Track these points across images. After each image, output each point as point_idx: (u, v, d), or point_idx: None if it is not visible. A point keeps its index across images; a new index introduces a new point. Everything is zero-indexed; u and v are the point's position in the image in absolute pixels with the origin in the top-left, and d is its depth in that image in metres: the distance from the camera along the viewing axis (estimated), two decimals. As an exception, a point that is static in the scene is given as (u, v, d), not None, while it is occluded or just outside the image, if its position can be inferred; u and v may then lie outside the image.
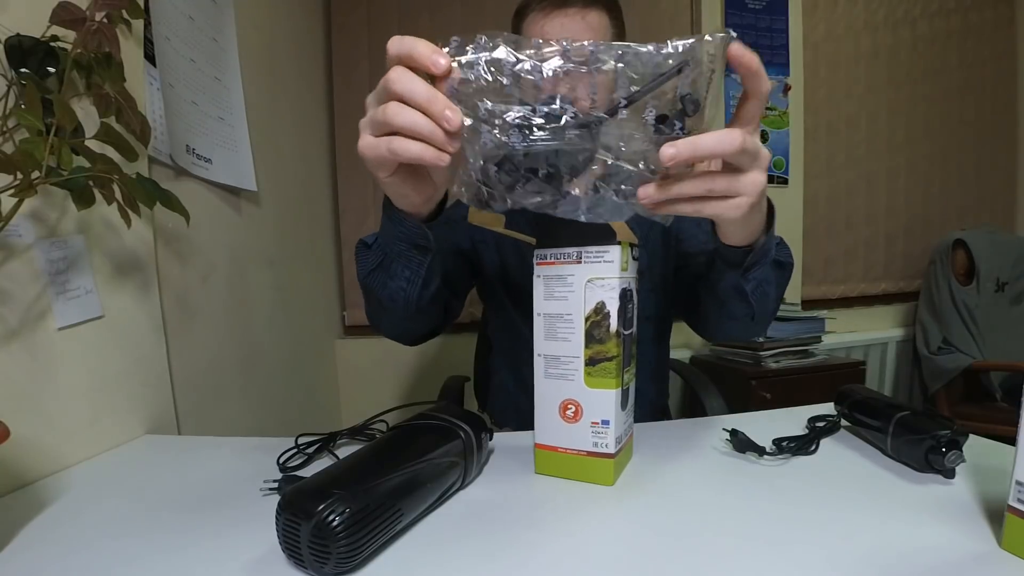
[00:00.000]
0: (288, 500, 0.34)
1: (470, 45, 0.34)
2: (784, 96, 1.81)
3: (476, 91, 0.35)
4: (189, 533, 0.41)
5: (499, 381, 0.86)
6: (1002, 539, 0.34)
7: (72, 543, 0.40)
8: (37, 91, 0.49)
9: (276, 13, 1.30)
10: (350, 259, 1.69)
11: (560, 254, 0.46)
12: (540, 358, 0.48)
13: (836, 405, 0.59)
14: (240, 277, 1.06)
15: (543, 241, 0.48)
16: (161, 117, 0.79)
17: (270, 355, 1.17)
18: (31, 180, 0.47)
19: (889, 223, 2.01)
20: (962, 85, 2.04)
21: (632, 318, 0.48)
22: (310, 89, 1.53)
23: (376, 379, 1.64)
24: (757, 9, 1.77)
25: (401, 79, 0.35)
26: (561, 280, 0.46)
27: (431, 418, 0.48)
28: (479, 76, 0.34)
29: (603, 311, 0.45)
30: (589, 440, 0.47)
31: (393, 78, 0.35)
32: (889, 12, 1.96)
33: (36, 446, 0.55)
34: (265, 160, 1.16)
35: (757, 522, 0.39)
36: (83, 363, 0.62)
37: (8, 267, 0.54)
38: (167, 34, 0.81)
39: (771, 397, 1.44)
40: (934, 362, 1.80)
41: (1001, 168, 2.12)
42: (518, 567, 0.34)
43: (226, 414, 0.97)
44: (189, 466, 0.58)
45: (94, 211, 0.57)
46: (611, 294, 0.44)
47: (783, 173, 1.83)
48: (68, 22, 0.52)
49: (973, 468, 0.45)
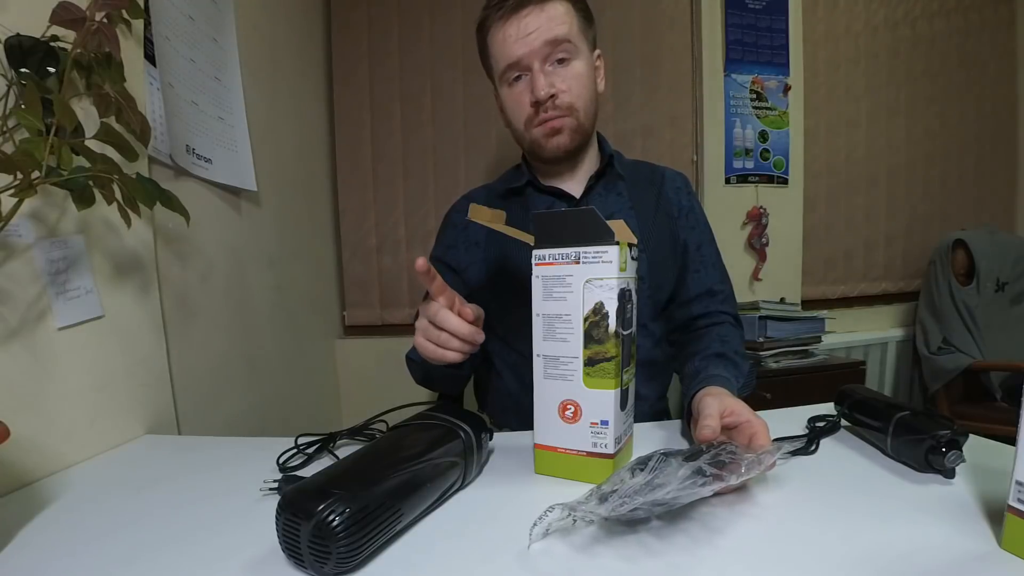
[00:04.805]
0: (288, 500, 0.34)
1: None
2: (784, 96, 1.81)
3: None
4: (189, 533, 0.41)
5: (500, 382, 0.85)
6: (1002, 539, 0.34)
7: (72, 543, 0.40)
8: (37, 91, 0.49)
9: (276, 13, 1.30)
10: (350, 259, 1.70)
11: (559, 255, 0.46)
12: (539, 358, 0.48)
13: (836, 405, 0.59)
14: (240, 277, 1.06)
15: (542, 241, 0.48)
16: (161, 117, 0.79)
17: (270, 355, 1.17)
18: (31, 180, 0.47)
19: (889, 223, 2.01)
20: (962, 85, 2.04)
21: (631, 318, 0.48)
22: (310, 89, 1.53)
23: (376, 379, 1.64)
24: (757, 9, 1.76)
25: (447, 320, 0.54)
26: (560, 280, 0.46)
27: (431, 418, 0.48)
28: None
29: (602, 311, 0.45)
30: (588, 440, 0.47)
31: (441, 317, 0.54)
32: (889, 12, 1.95)
33: (36, 446, 0.55)
34: (265, 160, 1.16)
35: (757, 522, 0.39)
36: (83, 363, 0.62)
37: (8, 267, 0.54)
38: (167, 34, 0.81)
39: (771, 397, 1.44)
40: (934, 362, 1.80)
41: (1001, 168, 2.12)
42: (518, 567, 0.34)
43: (226, 414, 0.97)
44: (189, 466, 0.58)
45: (94, 211, 0.57)
46: (610, 294, 0.44)
47: (783, 173, 1.82)
48: (68, 22, 0.52)
49: (973, 468, 0.45)
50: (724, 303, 0.80)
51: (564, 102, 0.73)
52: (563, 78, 0.72)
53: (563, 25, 0.71)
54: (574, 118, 0.74)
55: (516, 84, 0.74)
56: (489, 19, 0.74)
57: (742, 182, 1.79)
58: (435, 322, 0.55)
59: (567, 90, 0.72)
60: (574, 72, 0.73)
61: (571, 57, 0.72)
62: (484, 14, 0.75)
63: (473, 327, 0.54)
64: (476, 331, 0.54)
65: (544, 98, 0.71)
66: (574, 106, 0.74)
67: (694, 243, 0.82)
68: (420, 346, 0.57)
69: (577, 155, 0.80)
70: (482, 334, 0.55)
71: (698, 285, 0.80)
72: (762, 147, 1.80)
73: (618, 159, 0.84)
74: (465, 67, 1.67)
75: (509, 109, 0.78)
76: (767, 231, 1.79)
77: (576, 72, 0.73)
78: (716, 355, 0.67)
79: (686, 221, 0.83)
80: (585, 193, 0.80)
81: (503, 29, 0.72)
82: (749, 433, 0.47)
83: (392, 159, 1.69)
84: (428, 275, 0.52)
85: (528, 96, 0.73)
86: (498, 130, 1.68)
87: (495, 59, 0.75)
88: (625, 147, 1.62)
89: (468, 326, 0.54)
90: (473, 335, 0.54)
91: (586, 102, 0.75)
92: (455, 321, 0.54)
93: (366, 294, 1.71)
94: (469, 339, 0.54)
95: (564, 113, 0.73)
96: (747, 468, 0.38)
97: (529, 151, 0.81)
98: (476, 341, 0.55)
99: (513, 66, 0.73)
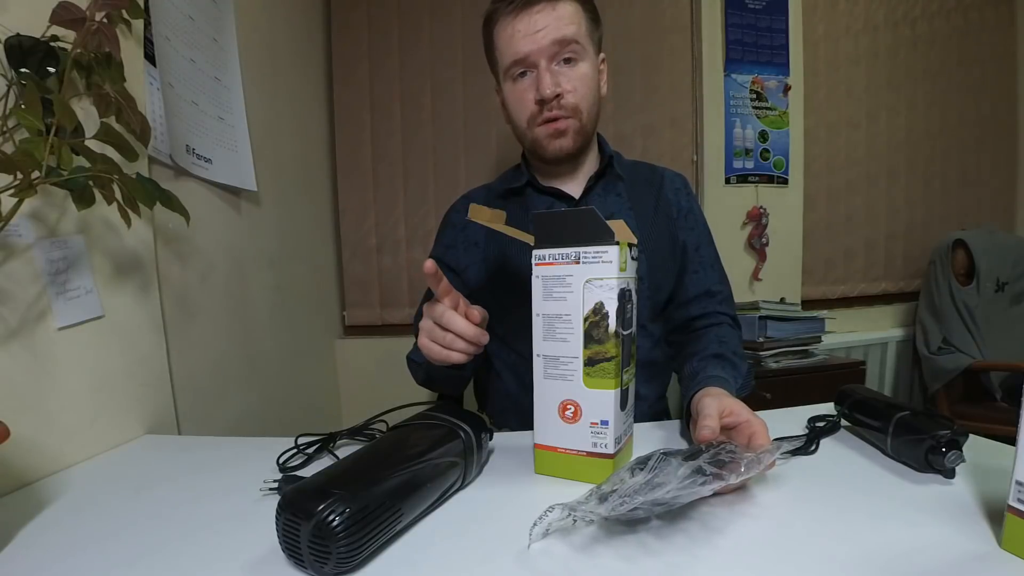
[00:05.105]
0: (288, 500, 0.34)
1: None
2: (784, 96, 1.81)
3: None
4: (189, 533, 0.41)
5: (499, 382, 0.85)
6: (1002, 539, 0.34)
7: (72, 543, 0.40)
8: (37, 91, 0.49)
9: (276, 13, 1.30)
10: (350, 259, 1.70)
11: (559, 255, 0.46)
12: (539, 358, 0.48)
13: (836, 405, 0.59)
14: (240, 277, 1.06)
15: (542, 241, 0.48)
16: (161, 117, 0.79)
17: (270, 355, 1.17)
18: (31, 180, 0.47)
19: (889, 223, 2.01)
20: (962, 85, 2.04)
21: (631, 318, 0.48)
22: (310, 89, 1.53)
23: (376, 379, 1.64)
24: (757, 9, 1.76)
25: (452, 321, 0.54)
26: (560, 280, 0.46)
27: (431, 418, 0.48)
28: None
29: (602, 311, 0.45)
30: (588, 440, 0.47)
31: (447, 319, 0.54)
32: (889, 12, 1.95)
33: (36, 446, 0.55)
34: (265, 160, 1.16)
35: (756, 522, 0.39)
36: (83, 363, 0.62)
37: (8, 267, 0.54)
38: (167, 34, 0.81)
39: (771, 397, 1.44)
40: (934, 362, 1.80)
41: (1001, 168, 2.12)
42: (518, 567, 0.34)
43: (226, 414, 0.97)
44: (189, 466, 0.58)
45: (94, 211, 0.57)
46: (610, 294, 0.44)
47: (783, 173, 1.82)
48: (68, 22, 0.52)
49: (973, 468, 0.45)
50: (722, 304, 0.80)
51: (569, 103, 0.73)
52: (569, 78, 0.72)
53: (572, 25, 0.71)
54: (577, 119, 0.74)
55: (520, 80, 0.74)
56: (498, 12, 0.73)
57: (742, 182, 1.79)
58: (441, 323, 0.55)
59: (572, 91, 0.72)
60: (580, 73, 0.73)
61: (578, 58, 0.72)
62: (493, 7, 0.74)
63: (478, 329, 0.55)
64: (481, 332, 0.55)
65: (550, 96, 0.71)
66: (578, 107, 0.73)
67: (693, 244, 0.82)
68: (424, 347, 0.57)
69: (578, 156, 0.80)
70: (487, 335, 0.56)
71: (696, 286, 0.80)
72: (762, 147, 1.80)
73: (618, 160, 0.84)
74: (465, 67, 1.67)
75: (512, 105, 0.77)
76: (767, 231, 1.79)
77: (582, 73, 0.73)
78: (714, 356, 0.67)
79: (685, 222, 0.83)
80: (584, 194, 0.80)
81: (512, 24, 0.71)
82: (748, 433, 0.47)
83: (392, 159, 1.69)
84: (435, 277, 0.53)
85: (533, 93, 0.73)
86: (498, 130, 1.68)
87: (501, 53, 0.75)
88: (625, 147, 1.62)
89: (473, 327, 0.54)
90: (478, 336, 0.55)
91: (590, 104, 0.75)
92: (461, 323, 0.54)
93: (366, 294, 1.71)
94: (474, 340, 0.55)
95: (568, 114, 0.73)
96: (747, 467, 0.38)
97: (530, 149, 0.81)
98: (481, 343, 0.55)
99: (519, 62, 0.72)
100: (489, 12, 0.75)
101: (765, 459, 0.40)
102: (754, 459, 0.39)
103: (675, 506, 0.37)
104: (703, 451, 0.41)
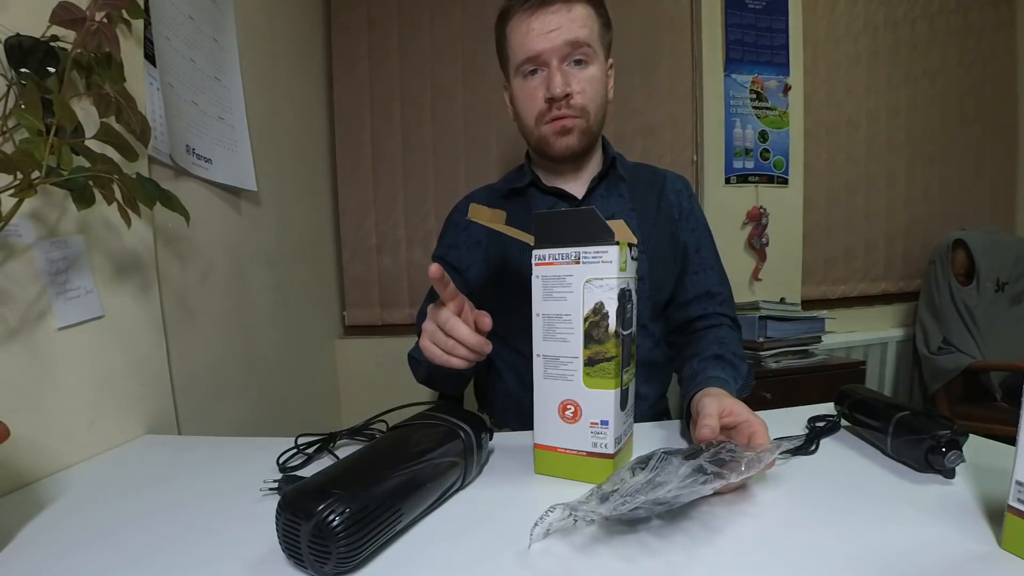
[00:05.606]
0: (288, 500, 0.34)
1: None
2: (784, 96, 1.81)
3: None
4: (189, 533, 0.41)
5: (500, 382, 0.85)
6: (1002, 539, 0.34)
7: (72, 543, 0.40)
8: (37, 91, 0.49)
9: (276, 13, 1.30)
10: (350, 259, 1.70)
11: (559, 255, 0.46)
12: (539, 358, 0.48)
13: (836, 405, 0.59)
14: (240, 277, 1.06)
15: (542, 241, 0.48)
16: (161, 117, 0.79)
17: (270, 355, 1.17)
18: (31, 180, 0.47)
19: (889, 223, 2.01)
20: (962, 85, 2.04)
21: (631, 318, 0.48)
22: (310, 89, 1.53)
23: (376, 379, 1.64)
24: (757, 9, 1.76)
25: (456, 328, 0.54)
26: (560, 280, 0.46)
27: (431, 418, 0.48)
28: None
29: (602, 311, 0.45)
30: (588, 440, 0.47)
31: (451, 326, 0.54)
32: (889, 12, 1.95)
33: (36, 446, 0.55)
34: (265, 160, 1.16)
35: (756, 522, 0.39)
36: (83, 363, 0.62)
37: (8, 267, 0.54)
38: (167, 34, 0.81)
39: (771, 397, 1.44)
40: (934, 362, 1.80)
41: (1001, 168, 2.12)
42: (518, 567, 0.34)
43: (226, 414, 0.97)
44: (189, 466, 0.58)
45: (94, 211, 0.57)
46: (610, 294, 0.44)
47: (783, 173, 1.82)
48: (68, 22, 0.52)
49: (973, 468, 0.45)
50: (722, 305, 0.80)
51: (578, 103, 0.73)
52: (579, 80, 0.73)
53: (585, 28, 0.71)
54: (585, 120, 0.75)
55: (531, 78, 0.75)
56: (513, 9, 0.73)
57: (742, 182, 1.79)
58: (445, 329, 0.55)
59: (581, 92, 0.73)
60: (589, 75, 0.73)
61: (588, 61, 0.73)
62: (508, 3, 0.75)
63: (481, 338, 0.54)
64: (484, 342, 0.55)
65: (560, 95, 0.71)
66: (587, 109, 0.74)
67: (694, 245, 0.82)
68: (426, 349, 0.57)
69: (582, 157, 0.80)
70: (490, 345, 0.55)
71: (697, 287, 0.80)
72: (762, 147, 1.80)
73: (620, 162, 0.84)
74: (465, 67, 1.67)
75: (520, 102, 0.78)
76: (767, 231, 1.79)
77: (591, 76, 0.73)
78: (714, 357, 0.67)
79: (686, 223, 0.83)
80: (587, 194, 0.80)
81: (527, 21, 0.72)
82: (748, 432, 0.47)
83: (392, 159, 1.69)
84: (441, 281, 0.52)
85: (543, 91, 0.73)
86: (498, 130, 1.68)
87: (513, 50, 0.75)
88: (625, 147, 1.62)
89: (477, 337, 0.54)
90: (481, 346, 0.54)
91: (597, 106, 0.76)
92: (465, 331, 0.54)
93: (366, 294, 1.71)
94: (476, 349, 0.54)
95: (576, 114, 0.74)
96: (747, 466, 0.38)
97: (536, 147, 0.81)
98: (483, 351, 0.55)
99: (531, 59, 0.73)
100: (504, 8, 0.76)
101: (765, 458, 0.40)
102: (754, 458, 0.39)
103: (676, 505, 0.37)
104: (703, 450, 0.41)
